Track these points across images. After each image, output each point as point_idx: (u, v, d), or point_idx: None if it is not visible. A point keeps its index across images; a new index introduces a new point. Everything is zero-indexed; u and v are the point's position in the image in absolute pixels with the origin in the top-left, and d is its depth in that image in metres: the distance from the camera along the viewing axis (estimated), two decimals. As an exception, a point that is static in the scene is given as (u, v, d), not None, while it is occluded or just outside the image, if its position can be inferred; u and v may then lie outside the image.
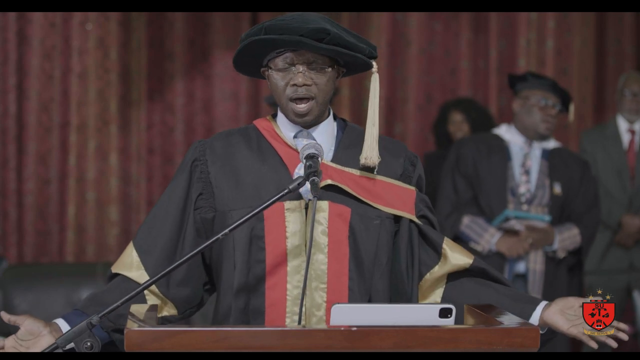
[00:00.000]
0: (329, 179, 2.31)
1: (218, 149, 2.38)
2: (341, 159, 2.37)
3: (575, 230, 4.47)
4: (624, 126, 5.42)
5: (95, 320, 2.05)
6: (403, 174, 2.41)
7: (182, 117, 5.92)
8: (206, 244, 2.14)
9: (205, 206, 2.35)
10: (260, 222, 2.28)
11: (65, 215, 5.75)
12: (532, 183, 4.46)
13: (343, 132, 2.43)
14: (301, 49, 2.27)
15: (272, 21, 2.29)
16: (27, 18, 5.70)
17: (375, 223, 2.32)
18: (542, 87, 4.43)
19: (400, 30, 6.11)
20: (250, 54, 2.33)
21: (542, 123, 4.41)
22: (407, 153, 2.45)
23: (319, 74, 2.31)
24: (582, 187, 4.52)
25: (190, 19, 5.92)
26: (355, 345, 1.88)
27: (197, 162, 2.37)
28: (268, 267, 2.28)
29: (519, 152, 4.49)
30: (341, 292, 2.29)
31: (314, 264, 2.28)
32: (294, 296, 2.27)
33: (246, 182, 2.32)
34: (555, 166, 4.48)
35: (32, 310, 4.93)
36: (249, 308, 2.29)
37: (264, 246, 2.28)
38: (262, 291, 2.28)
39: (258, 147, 2.37)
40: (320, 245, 2.29)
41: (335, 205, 2.30)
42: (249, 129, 2.42)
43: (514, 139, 4.50)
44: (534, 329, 1.94)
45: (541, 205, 4.45)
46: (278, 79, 2.30)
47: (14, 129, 5.68)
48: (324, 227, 2.29)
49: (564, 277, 4.51)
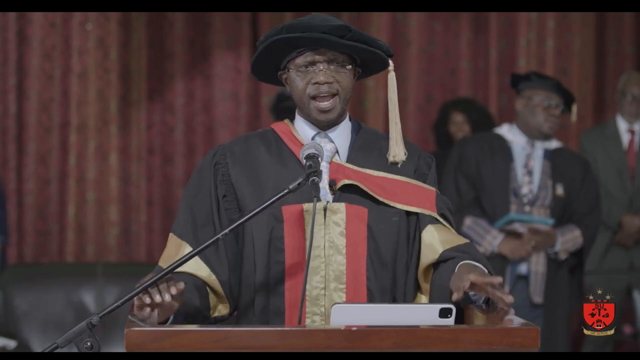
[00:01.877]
0: (345, 179, 2.33)
1: (238, 152, 2.40)
2: (356, 160, 2.39)
3: (577, 232, 4.46)
4: (623, 126, 5.42)
5: (96, 320, 2.05)
6: (417, 172, 2.43)
7: (182, 117, 5.92)
8: (207, 243, 2.14)
9: (231, 207, 2.37)
10: (279, 224, 2.31)
11: (65, 215, 5.75)
12: (535, 184, 4.45)
13: (357, 133, 2.46)
14: (323, 47, 2.29)
15: (291, 22, 2.31)
16: (27, 18, 5.70)
17: (393, 220, 2.33)
18: (546, 87, 4.43)
19: (400, 30, 6.11)
20: (270, 55, 2.34)
21: (545, 123, 4.40)
22: (421, 154, 2.49)
23: (340, 72, 2.33)
24: (584, 188, 4.52)
25: (190, 19, 5.92)
26: (355, 345, 1.89)
27: (219, 165, 2.39)
28: (287, 268, 2.30)
29: (521, 153, 4.48)
30: (360, 293, 2.31)
31: (333, 264, 2.30)
32: (314, 296, 2.29)
33: (267, 185, 2.34)
34: (558, 167, 4.48)
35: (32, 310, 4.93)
36: (269, 308, 2.31)
37: (283, 247, 2.30)
38: (282, 292, 2.30)
39: (277, 150, 2.39)
40: (339, 246, 2.31)
41: (352, 207, 2.32)
42: (268, 132, 2.44)
43: (516, 139, 4.49)
44: (534, 329, 1.94)
45: (544, 207, 4.44)
46: (298, 79, 2.32)
47: (14, 129, 5.68)
48: (342, 229, 2.31)
49: (566, 279, 4.51)
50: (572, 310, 4.57)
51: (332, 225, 2.31)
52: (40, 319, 4.94)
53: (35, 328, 4.93)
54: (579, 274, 4.58)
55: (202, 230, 2.35)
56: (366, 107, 6.06)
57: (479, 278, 2.08)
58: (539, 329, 1.94)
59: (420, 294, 2.39)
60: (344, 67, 2.33)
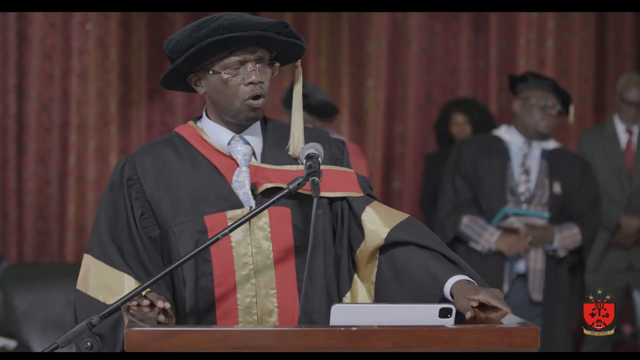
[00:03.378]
0: (266, 182, 2.28)
1: (148, 164, 2.32)
2: (271, 158, 2.33)
3: (576, 229, 4.47)
4: (621, 126, 5.41)
5: (96, 320, 2.05)
6: (331, 158, 2.37)
7: (182, 117, 5.92)
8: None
9: (149, 225, 2.30)
10: (204, 235, 2.25)
11: (65, 215, 5.75)
12: (532, 182, 4.46)
13: (266, 130, 2.38)
14: (259, 45, 2.25)
15: (224, 20, 2.24)
16: (27, 18, 5.69)
17: (318, 213, 2.26)
18: (543, 87, 4.44)
19: (400, 30, 6.11)
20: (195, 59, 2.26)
21: (542, 122, 4.42)
22: (331, 140, 2.41)
23: (266, 71, 2.28)
24: (583, 188, 4.53)
25: (190, 19, 5.89)
26: (355, 345, 1.88)
27: (131, 182, 2.31)
28: (216, 279, 2.26)
29: (518, 152, 4.50)
30: (292, 296, 2.28)
31: (262, 270, 2.26)
32: (246, 305, 2.26)
33: (184, 195, 2.28)
34: (555, 166, 4.49)
35: (32, 310, 4.93)
36: (202, 322, 2.26)
37: (210, 258, 2.26)
38: (212, 303, 2.26)
39: (188, 156, 2.32)
40: (266, 251, 2.27)
41: (275, 209, 2.26)
42: (174, 137, 2.36)
43: (513, 140, 4.51)
44: (534, 328, 1.94)
45: (541, 205, 4.45)
46: (231, 79, 2.25)
47: (14, 129, 5.68)
48: (267, 233, 2.27)
49: (565, 277, 4.51)
50: (573, 310, 4.57)
51: (256, 231, 2.27)
52: (40, 319, 4.94)
53: (35, 328, 4.93)
54: (580, 273, 4.58)
55: (128, 256, 2.25)
56: (366, 107, 6.05)
57: (488, 300, 2.08)
58: (538, 329, 1.94)
59: (357, 280, 2.35)
60: (271, 66, 2.29)
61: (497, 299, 2.07)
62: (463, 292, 2.14)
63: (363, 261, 2.34)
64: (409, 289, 2.24)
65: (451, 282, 2.18)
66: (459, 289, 2.16)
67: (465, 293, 2.13)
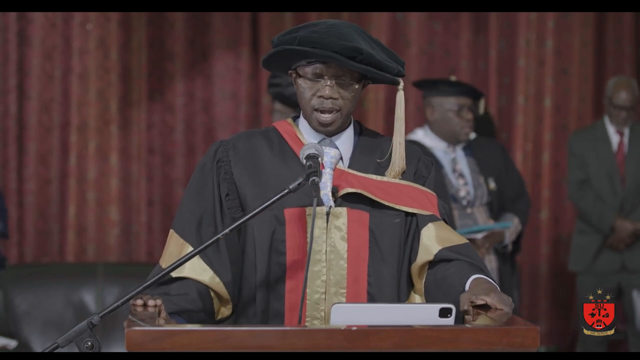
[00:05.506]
0: (348, 186, 2.33)
1: (240, 150, 2.39)
2: (358, 164, 2.38)
3: (516, 220, 4.54)
4: (612, 128, 5.39)
5: (96, 320, 2.05)
6: (416, 174, 2.42)
7: (182, 117, 5.92)
8: (207, 244, 2.15)
9: (234, 206, 2.37)
10: (281, 226, 2.31)
11: (65, 216, 5.75)
12: (470, 185, 4.46)
13: (359, 137, 2.45)
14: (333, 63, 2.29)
15: (305, 32, 2.30)
16: (27, 18, 5.70)
17: (395, 222, 2.33)
18: (454, 93, 4.42)
19: (400, 30, 6.11)
20: (281, 57, 2.34)
21: (462, 130, 4.41)
22: (422, 157, 2.46)
23: (346, 88, 2.32)
24: (508, 173, 4.59)
25: (190, 19, 5.92)
26: (355, 345, 1.89)
27: (221, 163, 2.38)
28: (288, 271, 2.30)
29: (445, 157, 4.48)
30: (360, 297, 2.31)
31: (334, 269, 2.31)
32: (314, 300, 2.30)
33: (269, 184, 2.33)
34: (481, 160, 4.50)
35: (32, 310, 4.94)
36: (269, 310, 2.31)
37: (285, 250, 2.31)
38: (282, 294, 2.31)
39: (280, 150, 2.39)
40: (340, 251, 2.31)
41: (354, 211, 2.32)
42: (270, 130, 2.44)
43: (436, 145, 4.47)
44: (534, 328, 1.94)
45: (482, 205, 4.47)
46: (305, 88, 2.33)
47: (14, 129, 5.68)
48: (344, 233, 2.31)
49: (509, 266, 4.60)
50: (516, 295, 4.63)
51: (333, 230, 2.31)
52: (40, 319, 4.95)
53: (35, 328, 4.94)
54: (512, 258, 4.64)
55: (205, 230, 2.34)
56: (366, 107, 6.06)
57: (494, 303, 2.09)
58: (538, 328, 1.95)
59: (413, 293, 2.40)
60: (350, 85, 2.33)
61: (504, 304, 2.09)
62: (474, 288, 2.17)
63: (415, 274, 2.38)
64: (444, 293, 2.27)
65: (472, 277, 2.23)
66: (474, 284, 2.20)
67: (475, 289, 2.16)
